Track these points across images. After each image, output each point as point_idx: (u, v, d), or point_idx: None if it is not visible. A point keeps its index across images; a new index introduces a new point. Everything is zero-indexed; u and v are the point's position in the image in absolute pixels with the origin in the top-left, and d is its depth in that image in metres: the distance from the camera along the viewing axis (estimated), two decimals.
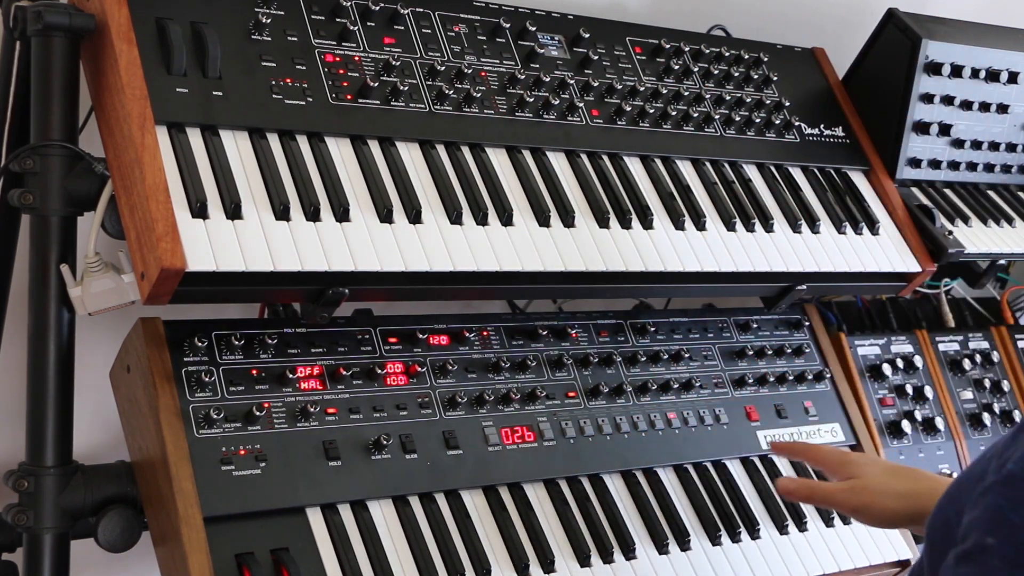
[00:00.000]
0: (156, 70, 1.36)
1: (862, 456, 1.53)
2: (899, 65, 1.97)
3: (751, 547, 1.67)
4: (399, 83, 1.51)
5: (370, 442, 1.47)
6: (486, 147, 1.57)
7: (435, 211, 1.47)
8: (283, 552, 1.35)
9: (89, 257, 1.40)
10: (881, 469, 1.47)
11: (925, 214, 1.92)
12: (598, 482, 1.62)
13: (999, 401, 2.12)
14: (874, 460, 1.53)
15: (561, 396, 1.65)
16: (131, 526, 1.44)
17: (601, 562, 1.54)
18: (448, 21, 1.63)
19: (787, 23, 2.28)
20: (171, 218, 1.27)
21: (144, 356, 1.40)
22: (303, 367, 1.48)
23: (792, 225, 1.77)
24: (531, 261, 1.49)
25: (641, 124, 1.72)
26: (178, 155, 1.34)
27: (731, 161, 1.80)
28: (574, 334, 1.72)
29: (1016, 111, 2.11)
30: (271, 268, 1.31)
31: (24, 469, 1.40)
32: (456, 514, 1.49)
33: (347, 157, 1.46)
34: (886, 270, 1.84)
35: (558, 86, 1.66)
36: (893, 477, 1.45)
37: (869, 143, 1.98)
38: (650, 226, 1.63)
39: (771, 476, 1.77)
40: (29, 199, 1.38)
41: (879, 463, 1.50)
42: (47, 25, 1.35)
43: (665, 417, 1.72)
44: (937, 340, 2.12)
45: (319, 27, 1.51)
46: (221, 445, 1.38)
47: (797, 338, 1.93)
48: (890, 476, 1.45)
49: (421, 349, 1.58)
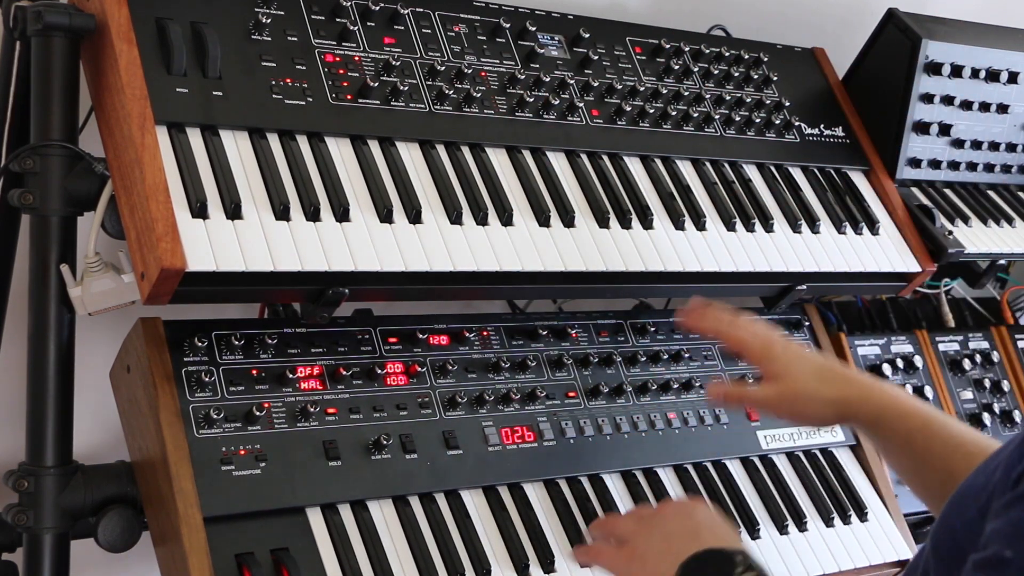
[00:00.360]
0: (156, 70, 1.36)
1: (786, 350, 1.45)
2: (899, 65, 1.97)
3: (751, 547, 1.67)
4: (399, 83, 1.51)
5: (370, 442, 1.47)
6: (486, 147, 1.57)
7: (435, 211, 1.47)
8: (283, 552, 1.35)
9: (89, 257, 1.40)
10: (810, 371, 1.42)
11: (925, 214, 1.92)
12: (598, 482, 1.62)
13: (999, 401, 2.12)
14: (800, 357, 1.45)
15: (561, 396, 1.65)
16: (131, 526, 1.44)
17: None
18: (448, 21, 1.63)
19: (787, 23, 2.28)
20: (171, 218, 1.28)
21: (144, 356, 1.40)
22: (303, 367, 1.48)
23: (792, 225, 1.77)
24: (531, 261, 1.49)
25: (641, 124, 1.72)
26: (178, 155, 1.34)
27: (731, 161, 1.80)
28: (574, 334, 1.72)
29: (1016, 111, 2.11)
30: (271, 268, 1.31)
31: (24, 469, 1.40)
32: (456, 514, 1.49)
33: (347, 157, 1.46)
34: (886, 270, 1.84)
35: (558, 86, 1.66)
36: (823, 382, 1.41)
37: (869, 143, 1.98)
38: (650, 226, 1.63)
39: (771, 476, 1.77)
40: (29, 199, 1.38)
41: (807, 362, 1.44)
42: (47, 25, 1.35)
43: (665, 417, 1.72)
44: (937, 340, 2.12)
45: (319, 27, 1.51)
46: (221, 445, 1.38)
47: (797, 338, 1.93)
48: (819, 381, 1.41)
49: (421, 349, 1.58)
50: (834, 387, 1.41)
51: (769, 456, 1.79)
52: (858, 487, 1.84)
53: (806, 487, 1.79)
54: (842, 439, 1.87)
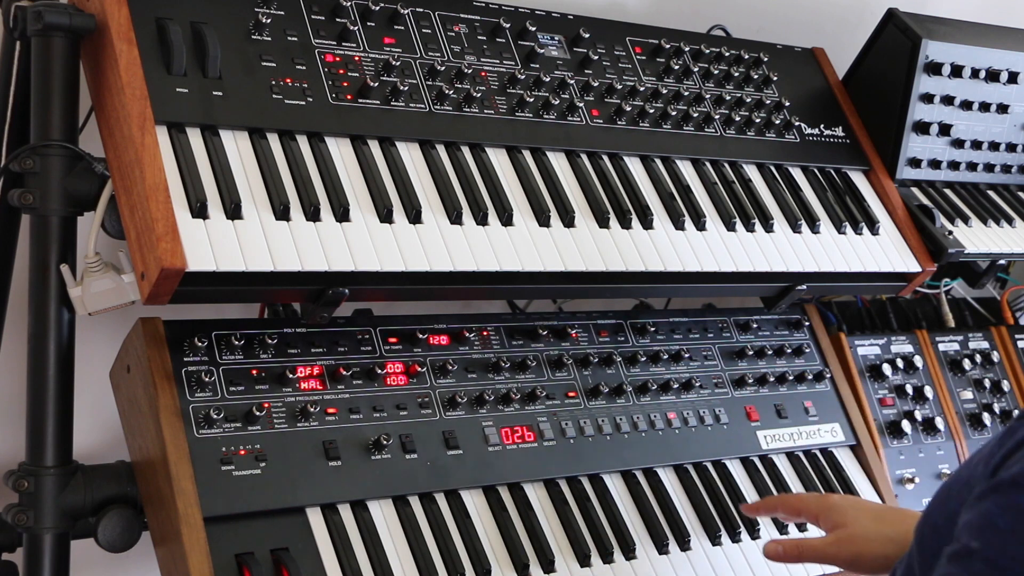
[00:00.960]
0: (156, 70, 1.36)
1: (843, 499, 1.46)
2: (899, 65, 1.97)
3: (751, 547, 1.67)
4: (399, 83, 1.51)
5: (370, 442, 1.47)
6: (486, 147, 1.57)
7: (435, 211, 1.47)
8: (283, 552, 1.35)
9: (89, 257, 1.40)
10: (867, 514, 1.40)
11: (925, 214, 1.92)
12: (598, 482, 1.62)
13: (999, 401, 2.12)
14: (857, 504, 1.44)
15: (561, 396, 1.65)
16: (131, 526, 1.44)
17: (601, 562, 1.54)
18: (448, 21, 1.63)
19: (787, 23, 2.28)
20: (171, 218, 1.27)
21: (144, 356, 1.40)
22: (303, 367, 1.48)
23: (792, 225, 1.77)
24: (531, 261, 1.49)
25: (641, 124, 1.72)
26: (178, 155, 1.34)
27: (731, 161, 1.80)
28: (574, 334, 1.72)
29: (1016, 111, 2.11)
30: (271, 268, 1.31)
31: (24, 469, 1.40)
32: (456, 514, 1.49)
33: (347, 157, 1.46)
34: (886, 270, 1.84)
35: (558, 86, 1.66)
36: (880, 522, 1.39)
37: (869, 143, 1.98)
38: (650, 226, 1.63)
39: (771, 476, 1.77)
40: (29, 199, 1.38)
41: (863, 507, 1.43)
42: (47, 25, 1.35)
43: (665, 417, 1.72)
44: (937, 340, 2.12)
45: (319, 27, 1.51)
46: (221, 445, 1.38)
47: (797, 338, 1.93)
48: (877, 521, 1.39)
49: (421, 349, 1.58)
50: (894, 525, 1.38)
51: (769, 456, 1.79)
52: (858, 487, 1.84)
53: (806, 487, 1.79)
54: (842, 439, 1.87)
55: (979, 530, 0.94)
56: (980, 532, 0.94)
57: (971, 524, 0.96)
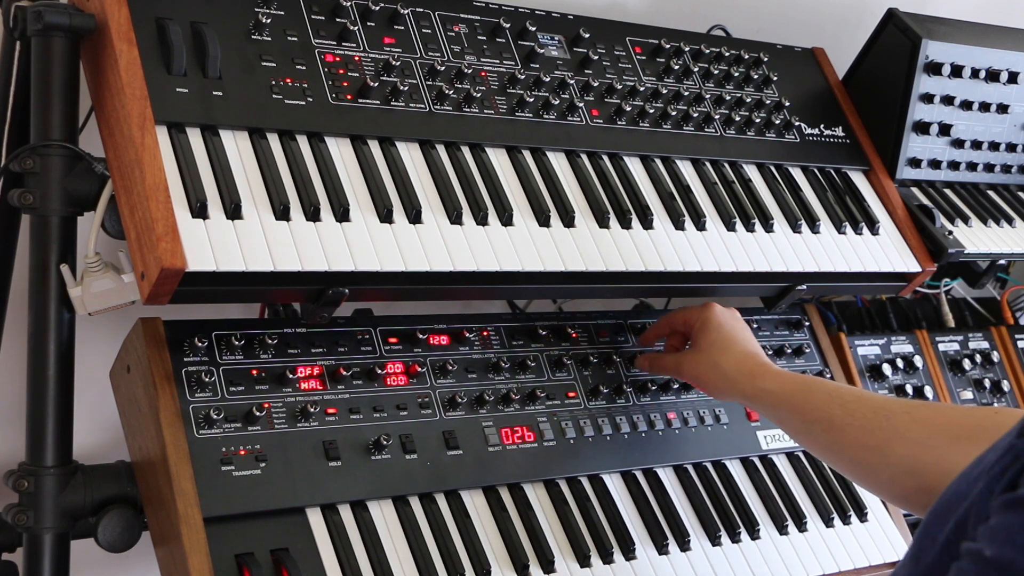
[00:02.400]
0: (156, 70, 1.36)
1: (719, 321, 1.63)
2: (899, 65, 1.97)
3: (751, 547, 1.67)
4: (399, 83, 1.51)
5: (370, 442, 1.47)
6: (486, 147, 1.57)
7: (435, 211, 1.47)
8: (283, 552, 1.35)
9: (89, 257, 1.40)
10: (724, 344, 1.59)
11: (925, 214, 1.92)
12: (598, 482, 1.62)
13: (999, 401, 2.12)
14: (728, 329, 1.62)
15: (561, 396, 1.65)
16: (131, 526, 1.44)
17: (601, 562, 1.54)
18: (448, 21, 1.63)
19: (787, 23, 2.28)
20: (171, 218, 1.27)
21: (144, 356, 1.40)
22: (303, 367, 1.48)
23: (792, 225, 1.77)
24: (531, 261, 1.49)
25: (641, 124, 1.72)
26: (178, 155, 1.33)
27: (731, 161, 1.80)
28: (574, 334, 1.72)
29: (1016, 111, 2.11)
30: (271, 268, 1.31)
31: (24, 469, 1.40)
32: (456, 514, 1.49)
33: (347, 157, 1.46)
34: (886, 270, 1.84)
35: (558, 86, 1.66)
36: (725, 354, 1.58)
37: (869, 143, 1.98)
38: (650, 226, 1.63)
39: (771, 476, 1.77)
40: (29, 199, 1.38)
41: (729, 337, 1.60)
42: (47, 25, 1.35)
43: (665, 417, 1.72)
44: (937, 340, 2.12)
45: (319, 27, 1.51)
46: (221, 445, 1.38)
47: (797, 338, 1.93)
48: (725, 354, 1.58)
49: (421, 349, 1.58)
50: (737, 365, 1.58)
51: (769, 456, 1.79)
52: (858, 487, 1.84)
53: (806, 487, 1.79)
54: None
55: (1001, 537, 0.92)
56: (995, 539, 0.91)
57: (992, 530, 0.93)
